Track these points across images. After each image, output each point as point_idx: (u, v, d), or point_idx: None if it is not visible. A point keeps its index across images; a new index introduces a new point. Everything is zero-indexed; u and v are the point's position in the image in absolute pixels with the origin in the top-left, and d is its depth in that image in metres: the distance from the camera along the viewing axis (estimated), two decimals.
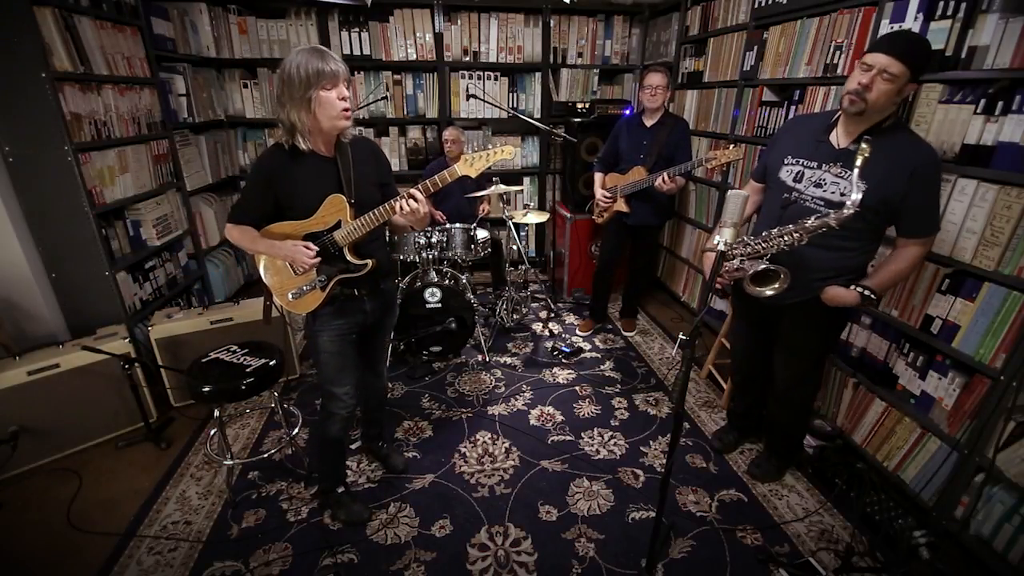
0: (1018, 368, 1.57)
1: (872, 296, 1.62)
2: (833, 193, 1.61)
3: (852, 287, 1.64)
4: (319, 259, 1.55)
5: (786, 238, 1.56)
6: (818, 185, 1.64)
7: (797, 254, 1.62)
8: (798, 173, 1.69)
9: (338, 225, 1.56)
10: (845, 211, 1.43)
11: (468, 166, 1.53)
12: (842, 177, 1.59)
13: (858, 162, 1.42)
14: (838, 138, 1.64)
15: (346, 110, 1.47)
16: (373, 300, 1.74)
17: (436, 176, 1.52)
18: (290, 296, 1.66)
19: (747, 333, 2.12)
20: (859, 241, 1.65)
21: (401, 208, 1.50)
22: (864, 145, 1.41)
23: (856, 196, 1.41)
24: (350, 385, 1.76)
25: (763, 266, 1.58)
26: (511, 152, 1.52)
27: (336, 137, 1.55)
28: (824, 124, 1.69)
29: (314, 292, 1.63)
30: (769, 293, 1.62)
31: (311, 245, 1.54)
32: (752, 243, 1.65)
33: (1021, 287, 1.58)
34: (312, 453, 2.24)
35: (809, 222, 1.52)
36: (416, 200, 1.50)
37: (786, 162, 1.74)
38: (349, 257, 1.60)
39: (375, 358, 1.97)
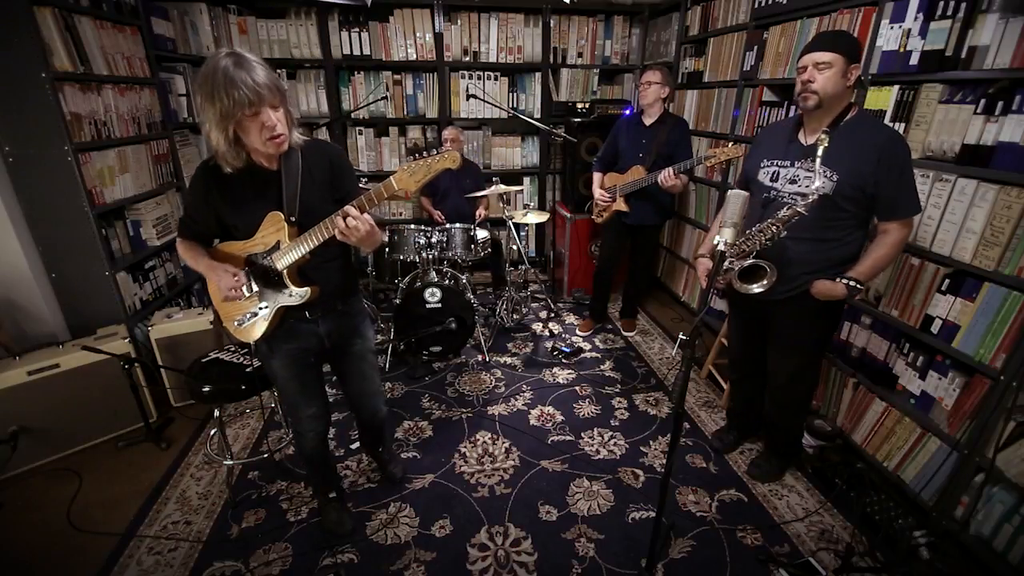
0: (1018, 368, 1.57)
1: (859, 286, 1.65)
2: (807, 187, 1.68)
3: (838, 279, 1.67)
4: (240, 290, 1.41)
5: (766, 233, 1.63)
6: (792, 181, 1.71)
7: (783, 249, 1.70)
8: (774, 173, 1.77)
9: (278, 247, 1.39)
10: (810, 197, 1.55)
11: (407, 177, 1.28)
12: (812, 171, 1.65)
13: (819, 152, 1.54)
14: (805, 136, 1.73)
15: (275, 137, 1.25)
16: (329, 323, 1.57)
17: (372, 191, 1.30)
18: (235, 323, 1.50)
19: (742, 331, 2.13)
20: (842, 231, 1.68)
21: (337, 228, 1.29)
22: (822, 136, 1.54)
23: (817, 183, 1.53)
24: (315, 408, 1.66)
25: (749, 262, 1.62)
26: (456, 160, 1.29)
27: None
28: (791, 126, 1.79)
29: (258, 321, 1.48)
30: (757, 290, 1.65)
31: (236, 271, 1.40)
32: (738, 243, 1.71)
33: (1021, 287, 1.58)
34: None
35: (781, 213, 1.59)
36: (353, 218, 1.27)
37: (762, 165, 1.81)
38: (288, 283, 1.42)
39: (357, 384, 1.75)
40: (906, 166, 1.58)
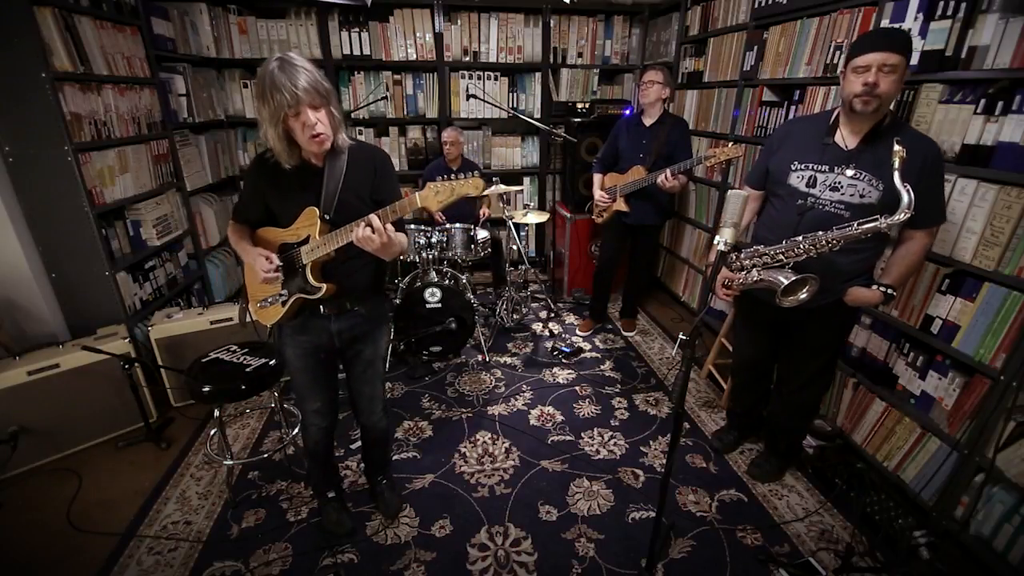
0: (1018, 368, 1.57)
1: (894, 293, 1.64)
2: (852, 196, 1.59)
3: (874, 287, 1.65)
4: (275, 273, 1.48)
5: (819, 245, 1.54)
6: (835, 189, 1.62)
7: (830, 261, 1.62)
8: (810, 178, 1.66)
9: (307, 240, 1.47)
10: (900, 215, 1.41)
11: (432, 196, 1.37)
12: (859, 179, 1.58)
13: (896, 164, 1.41)
14: (844, 140, 1.62)
15: (316, 136, 1.33)
16: (342, 322, 1.60)
17: (396, 204, 1.39)
18: (258, 304, 1.61)
19: (754, 336, 2.06)
20: (874, 241, 1.65)
21: (355, 234, 1.37)
22: (898, 147, 1.41)
23: (905, 199, 1.40)
24: (322, 402, 1.69)
25: (795, 277, 1.55)
26: (479, 187, 1.39)
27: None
28: (824, 126, 1.67)
29: (276, 306, 1.56)
30: (803, 297, 1.58)
31: (272, 256, 1.48)
32: (771, 252, 1.62)
33: (1021, 287, 1.58)
34: None
35: (853, 229, 1.50)
36: (372, 228, 1.34)
37: (794, 167, 1.70)
38: (308, 276, 1.48)
39: (358, 387, 1.75)
40: (943, 175, 1.57)
